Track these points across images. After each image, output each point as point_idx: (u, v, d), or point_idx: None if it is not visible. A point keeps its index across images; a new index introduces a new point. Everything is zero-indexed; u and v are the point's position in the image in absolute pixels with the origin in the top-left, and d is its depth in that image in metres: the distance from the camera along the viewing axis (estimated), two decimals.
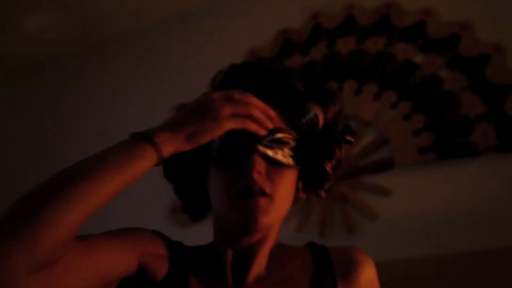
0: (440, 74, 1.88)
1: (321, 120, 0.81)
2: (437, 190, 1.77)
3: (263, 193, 0.76)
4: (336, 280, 0.85)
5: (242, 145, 0.78)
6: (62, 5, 2.46)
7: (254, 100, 0.77)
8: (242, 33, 2.32)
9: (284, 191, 0.79)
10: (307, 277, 0.84)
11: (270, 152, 0.79)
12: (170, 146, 0.71)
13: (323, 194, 0.88)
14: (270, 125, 0.78)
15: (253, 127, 0.76)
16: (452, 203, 1.72)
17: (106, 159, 0.67)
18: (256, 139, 0.78)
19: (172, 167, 0.85)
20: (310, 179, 0.86)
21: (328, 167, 0.85)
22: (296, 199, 0.86)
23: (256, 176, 0.76)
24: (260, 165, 0.77)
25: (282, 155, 0.80)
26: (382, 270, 1.68)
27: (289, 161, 0.80)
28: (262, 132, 0.77)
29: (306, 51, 2.16)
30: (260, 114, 0.77)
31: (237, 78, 0.82)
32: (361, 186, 1.90)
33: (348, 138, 0.86)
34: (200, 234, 1.00)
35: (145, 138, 0.70)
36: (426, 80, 1.89)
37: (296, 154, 0.82)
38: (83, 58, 2.77)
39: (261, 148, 0.78)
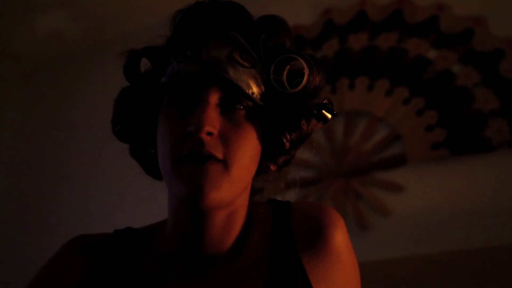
0: (453, 69, 1.86)
1: (305, 79, 0.68)
2: (450, 186, 1.76)
3: (213, 158, 0.63)
4: (299, 253, 0.70)
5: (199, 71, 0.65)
6: (76, 4, 2.47)
7: None
8: None
9: (241, 156, 0.65)
10: (265, 256, 0.71)
11: (232, 72, 0.65)
12: None
13: (273, 168, 0.73)
14: None
15: None
16: (465, 199, 1.71)
17: None
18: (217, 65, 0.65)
19: (121, 118, 0.72)
20: (265, 147, 0.71)
21: (286, 138, 0.69)
22: (261, 169, 0.72)
23: (205, 137, 0.63)
24: (211, 122, 0.63)
25: (247, 85, 0.67)
26: (394, 266, 1.68)
27: (258, 89, 0.68)
28: None
29: (318, 47, 2.16)
30: None
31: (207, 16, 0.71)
32: (373, 182, 1.89)
33: (325, 113, 0.71)
34: None
35: None
36: (439, 76, 1.88)
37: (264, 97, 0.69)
38: (96, 57, 2.79)
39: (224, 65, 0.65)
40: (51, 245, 0.80)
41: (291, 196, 2.07)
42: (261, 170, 0.73)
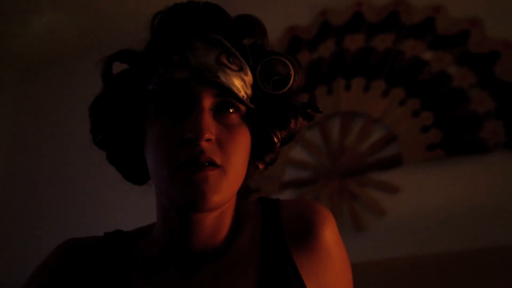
0: (449, 70, 1.87)
1: (292, 79, 0.70)
2: (446, 187, 1.76)
3: (212, 164, 0.64)
4: (290, 251, 0.71)
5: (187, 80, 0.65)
6: (72, 4, 2.47)
7: None
8: None
9: (237, 160, 0.66)
10: (256, 253, 0.71)
11: (223, 77, 0.65)
12: None
13: (261, 166, 0.75)
14: None
15: None
16: (460, 200, 1.72)
17: None
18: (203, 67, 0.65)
19: (102, 127, 0.72)
20: (252, 146, 0.72)
21: (277, 137, 0.71)
22: (251, 168, 0.73)
23: (204, 144, 0.63)
24: (209, 128, 0.63)
25: (237, 87, 0.67)
26: (389, 267, 1.68)
27: (247, 92, 0.69)
28: None
29: (314, 48, 2.16)
30: None
31: (185, 19, 0.70)
32: (369, 183, 1.89)
33: (310, 112, 0.73)
34: None
35: None
36: (435, 77, 1.88)
37: (253, 97, 0.70)
38: (92, 56, 2.78)
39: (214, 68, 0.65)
40: (49, 244, 0.80)
41: (287, 196, 2.08)
42: (249, 169, 0.73)
